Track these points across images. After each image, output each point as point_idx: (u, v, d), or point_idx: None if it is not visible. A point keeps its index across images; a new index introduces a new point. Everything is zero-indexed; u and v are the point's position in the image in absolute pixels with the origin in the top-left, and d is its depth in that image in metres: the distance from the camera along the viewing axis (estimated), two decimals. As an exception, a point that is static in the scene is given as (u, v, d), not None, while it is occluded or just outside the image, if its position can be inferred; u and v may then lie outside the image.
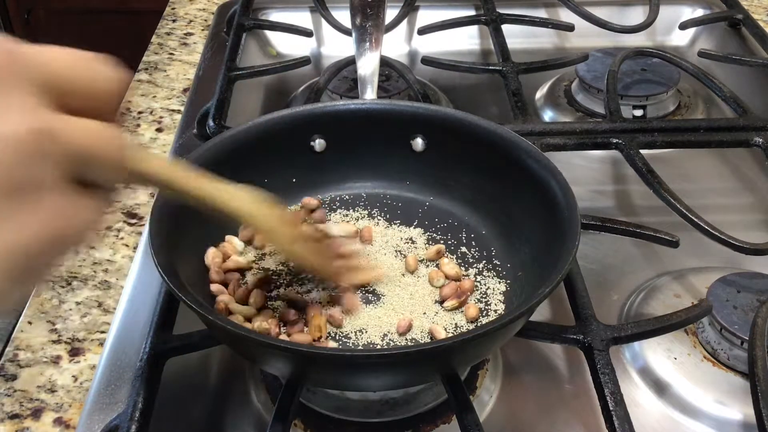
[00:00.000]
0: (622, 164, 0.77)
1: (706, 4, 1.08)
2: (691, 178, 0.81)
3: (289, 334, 0.55)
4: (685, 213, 0.67)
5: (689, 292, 0.66)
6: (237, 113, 0.85)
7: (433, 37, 1.02)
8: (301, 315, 0.56)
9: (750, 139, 0.78)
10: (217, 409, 0.58)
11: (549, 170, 0.59)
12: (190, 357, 0.59)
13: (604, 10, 1.04)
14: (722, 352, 0.59)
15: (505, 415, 0.57)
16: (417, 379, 0.54)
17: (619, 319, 0.65)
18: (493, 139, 0.64)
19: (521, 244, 0.62)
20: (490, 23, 1.00)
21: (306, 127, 0.68)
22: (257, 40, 1.05)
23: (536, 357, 0.62)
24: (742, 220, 0.77)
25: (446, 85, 0.96)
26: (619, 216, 0.71)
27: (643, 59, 0.92)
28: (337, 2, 1.02)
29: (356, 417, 0.56)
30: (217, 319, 0.49)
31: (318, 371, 0.51)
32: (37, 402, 0.58)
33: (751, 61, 0.93)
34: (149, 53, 1.02)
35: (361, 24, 0.80)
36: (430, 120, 0.67)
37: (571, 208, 0.56)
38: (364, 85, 0.73)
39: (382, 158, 0.69)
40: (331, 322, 0.56)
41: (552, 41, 1.07)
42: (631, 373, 0.60)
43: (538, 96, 0.95)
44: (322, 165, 0.68)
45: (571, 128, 0.80)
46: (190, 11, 1.12)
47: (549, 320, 0.64)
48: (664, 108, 0.90)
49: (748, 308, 0.60)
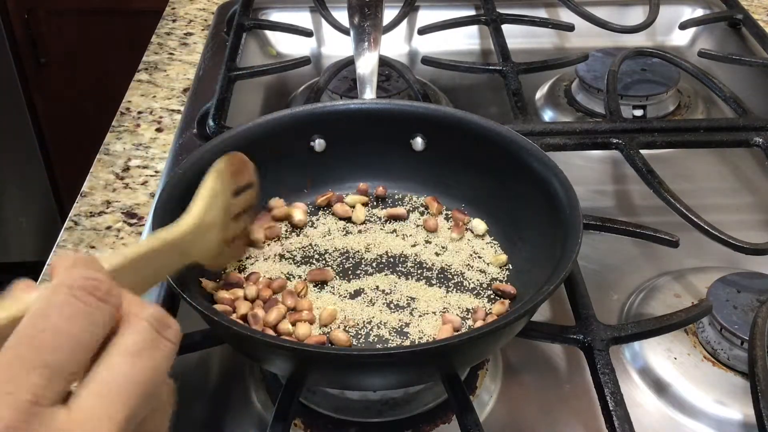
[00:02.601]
0: (622, 164, 0.77)
1: (706, 4, 1.08)
2: (691, 178, 0.81)
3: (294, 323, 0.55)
4: (685, 213, 0.67)
5: (689, 292, 0.66)
6: (237, 113, 0.85)
7: (433, 37, 1.02)
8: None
9: (750, 139, 0.78)
10: (217, 409, 0.58)
11: (550, 169, 0.59)
12: (190, 357, 0.59)
13: (604, 10, 1.04)
14: (722, 352, 0.59)
15: (505, 415, 0.57)
16: (417, 379, 0.54)
17: (619, 319, 0.65)
18: (493, 138, 0.64)
19: (522, 243, 0.62)
20: (490, 23, 1.00)
21: (306, 127, 0.68)
22: (257, 40, 1.05)
23: (536, 357, 0.62)
24: (742, 220, 0.77)
25: (446, 85, 0.96)
26: (619, 216, 0.71)
27: (643, 59, 0.92)
28: (337, 2, 1.02)
29: (356, 417, 0.56)
30: (218, 318, 0.49)
31: (319, 370, 0.51)
32: (37, 402, 0.58)
33: (751, 61, 0.93)
34: (149, 53, 1.02)
35: (359, 24, 0.79)
36: (430, 119, 0.67)
37: (572, 207, 0.56)
38: (363, 84, 0.73)
39: (382, 158, 0.69)
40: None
41: (552, 41, 1.07)
42: (631, 373, 0.60)
43: (538, 96, 0.95)
44: (322, 165, 0.68)
45: (571, 128, 0.80)
46: (190, 11, 1.12)
47: (549, 320, 0.64)
48: (664, 108, 0.90)
49: (748, 308, 0.60)
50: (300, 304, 0.57)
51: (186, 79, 0.96)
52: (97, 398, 0.29)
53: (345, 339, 0.55)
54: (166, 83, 0.95)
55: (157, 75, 0.97)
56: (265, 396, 0.58)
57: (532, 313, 0.52)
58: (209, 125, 0.80)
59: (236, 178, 0.54)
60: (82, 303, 0.30)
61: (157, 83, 0.95)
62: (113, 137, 0.86)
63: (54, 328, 0.29)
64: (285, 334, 0.55)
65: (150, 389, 0.31)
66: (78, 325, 0.29)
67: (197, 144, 0.81)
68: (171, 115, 0.89)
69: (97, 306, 0.30)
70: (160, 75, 0.97)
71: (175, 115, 0.89)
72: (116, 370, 0.30)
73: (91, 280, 0.30)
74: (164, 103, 0.92)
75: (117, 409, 0.29)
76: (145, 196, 0.77)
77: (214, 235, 0.52)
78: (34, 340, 0.29)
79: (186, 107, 0.90)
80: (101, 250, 0.71)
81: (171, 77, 0.97)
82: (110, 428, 0.29)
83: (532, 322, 0.56)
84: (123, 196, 0.77)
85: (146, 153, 0.83)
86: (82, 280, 0.30)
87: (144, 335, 0.31)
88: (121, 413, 0.29)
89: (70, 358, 0.29)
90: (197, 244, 0.50)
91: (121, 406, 0.29)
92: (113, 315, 0.31)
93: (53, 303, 0.30)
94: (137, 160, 0.82)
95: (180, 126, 0.86)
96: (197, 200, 0.51)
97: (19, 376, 0.28)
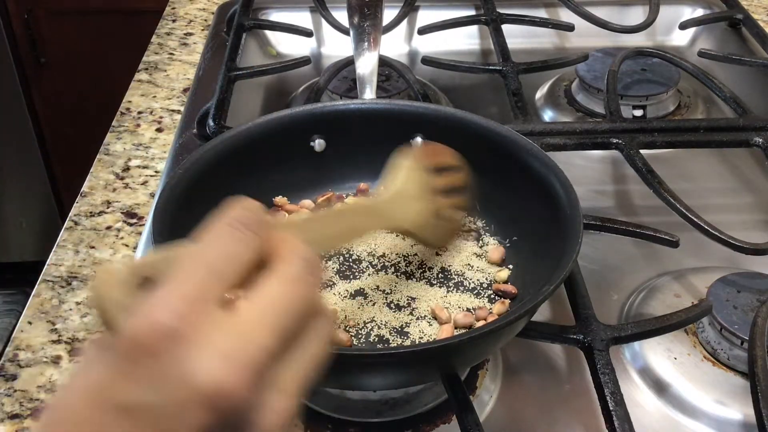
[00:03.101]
0: (622, 164, 0.77)
1: (706, 4, 1.08)
2: (691, 178, 0.81)
3: None
4: (685, 213, 0.67)
5: (689, 292, 0.66)
6: (237, 113, 0.85)
7: (433, 37, 1.02)
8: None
9: (750, 139, 0.78)
10: (217, 409, 0.58)
11: (550, 168, 0.59)
12: (190, 357, 0.59)
13: (604, 10, 1.04)
14: (722, 352, 0.59)
15: (505, 415, 0.57)
16: (417, 379, 0.54)
17: (619, 319, 0.65)
18: (493, 138, 0.64)
19: (522, 243, 0.62)
20: (490, 23, 1.00)
21: (306, 127, 0.68)
22: (257, 40, 1.05)
23: (536, 357, 0.62)
24: (742, 220, 0.77)
25: (446, 85, 0.96)
26: (619, 216, 0.71)
27: (643, 59, 0.92)
28: (337, 2, 1.02)
29: (356, 417, 0.56)
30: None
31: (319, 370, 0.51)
32: (38, 402, 0.58)
33: (751, 61, 0.93)
34: (149, 53, 1.02)
35: (359, 24, 0.79)
36: (430, 119, 0.67)
37: (573, 206, 0.56)
38: (363, 84, 0.73)
39: (382, 158, 0.69)
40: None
41: (552, 41, 1.07)
42: (631, 373, 0.60)
43: (538, 96, 0.95)
44: (322, 165, 0.68)
45: (571, 128, 0.80)
46: (190, 11, 1.12)
47: (549, 320, 0.64)
48: (664, 108, 0.90)
49: (748, 308, 0.60)
50: None
51: (186, 79, 0.96)
52: (256, 309, 0.33)
53: (345, 339, 0.55)
54: (166, 83, 0.95)
55: (157, 75, 0.97)
56: (265, 396, 0.58)
57: (532, 313, 0.52)
58: (209, 125, 0.80)
59: (432, 159, 0.58)
60: (236, 230, 0.34)
61: (157, 83, 0.95)
62: (113, 137, 0.86)
63: (213, 246, 0.34)
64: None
65: (301, 312, 0.34)
66: (234, 245, 0.34)
67: (197, 144, 0.81)
68: (171, 115, 0.89)
69: (247, 233, 0.34)
70: (160, 75, 0.97)
71: (175, 115, 0.89)
72: (273, 289, 0.33)
73: (245, 215, 0.34)
74: (164, 103, 0.92)
75: (272, 321, 0.32)
76: (145, 196, 0.77)
77: (419, 205, 0.56)
78: (200, 253, 0.33)
79: (186, 107, 0.90)
80: (101, 250, 0.71)
81: (171, 77, 0.97)
82: (265, 335, 0.32)
83: (532, 322, 0.56)
84: (123, 196, 0.77)
85: (146, 153, 0.83)
86: (237, 214, 0.34)
87: (298, 267, 0.34)
88: (276, 326, 0.32)
89: (229, 268, 0.33)
90: (400, 212, 0.55)
91: (276, 320, 0.33)
92: (262, 244, 0.34)
93: (212, 230, 0.34)
94: (137, 160, 0.82)
95: (180, 126, 0.86)
96: (394, 175, 0.57)
97: (186, 277, 0.32)
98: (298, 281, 0.34)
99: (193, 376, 0.30)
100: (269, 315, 0.33)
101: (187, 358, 0.30)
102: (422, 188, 0.57)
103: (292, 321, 0.33)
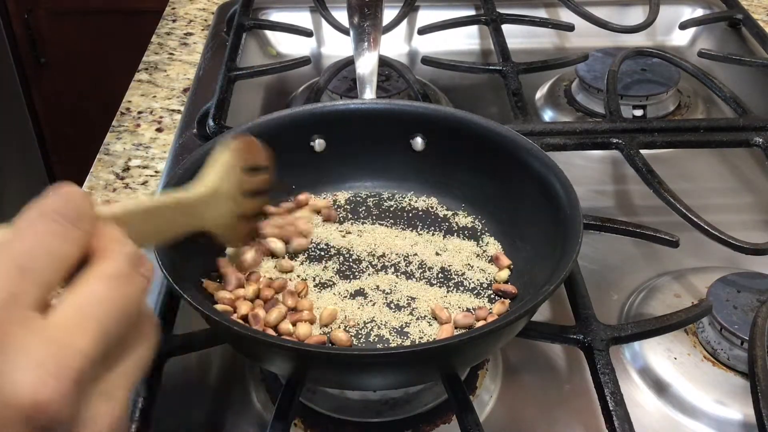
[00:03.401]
0: (622, 164, 0.77)
1: (706, 4, 1.08)
2: (691, 178, 0.81)
3: (294, 323, 0.55)
4: (685, 213, 0.67)
5: (689, 292, 0.66)
6: (237, 113, 0.85)
7: (433, 37, 1.02)
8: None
9: (750, 139, 0.78)
10: (217, 409, 0.58)
11: (550, 168, 0.59)
12: (190, 357, 0.59)
13: (604, 10, 1.04)
14: (722, 352, 0.59)
15: (505, 415, 0.57)
16: (417, 379, 0.54)
17: (619, 319, 0.65)
18: (493, 138, 0.64)
19: (522, 243, 0.62)
20: (490, 23, 1.00)
21: (306, 127, 0.68)
22: (257, 40, 1.05)
23: (536, 357, 0.62)
24: (742, 220, 0.77)
25: (446, 85, 0.96)
26: (619, 216, 0.71)
27: (643, 59, 0.92)
28: (337, 2, 1.02)
29: (356, 417, 0.56)
30: (219, 318, 0.49)
31: (319, 370, 0.51)
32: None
33: (751, 61, 0.93)
34: (149, 53, 1.02)
35: (359, 24, 0.79)
36: (430, 119, 0.67)
37: (573, 206, 0.56)
38: (363, 84, 0.73)
39: (382, 158, 0.69)
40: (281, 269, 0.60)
41: (552, 41, 1.07)
42: (631, 373, 0.60)
43: (538, 96, 0.95)
44: (322, 165, 0.68)
45: (571, 128, 0.80)
46: (190, 11, 1.12)
47: (549, 320, 0.64)
48: (664, 108, 0.90)
49: (748, 308, 0.60)
50: (300, 304, 0.57)
51: (186, 79, 0.96)
52: (73, 311, 0.30)
53: (345, 339, 0.55)
54: (166, 83, 0.95)
55: (157, 75, 0.97)
56: (265, 396, 0.58)
57: (532, 313, 0.52)
58: (209, 125, 0.80)
59: (247, 157, 0.56)
60: (53, 222, 0.31)
61: (157, 83, 0.95)
62: (113, 137, 0.86)
63: (28, 239, 0.31)
64: (285, 334, 0.55)
65: (124, 314, 0.31)
66: (50, 239, 0.31)
67: (197, 144, 0.81)
68: (171, 115, 0.89)
69: (66, 226, 0.31)
70: (160, 75, 0.97)
71: (175, 115, 0.89)
72: (93, 289, 0.31)
73: (64, 205, 0.32)
74: (164, 103, 0.92)
75: (91, 324, 0.30)
76: (145, 196, 0.77)
77: (228, 206, 0.54)
78: (8, 249, 0.30)
79: (186, 107, 0.90)
80: (101, 250, 0.71)
81: (171, 77, 0.97)
82: (83, 340, 0.30)
83: (532, 322, 0.56)
84: (123, 196, 0.77)
85: (146, 153, 0.83)
86: (54, 204, 0.32)
87: (120, 264, 0.32)
88: (95, 329, 0.30)
89: (44, 266, 0.30)
90: (210, 211, 0.52)
91: (95, 323, 0.30)
92: (85, 238, 0.32)
93: (27, 219, 0.31)
94: (137, 160, 0.82)
95: (180, 126, 0.86)
96: (211, 170, 0.53)
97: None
98: (120, 279, 0.32)
99: (7, 389, 0.28)
100: (88, 317, 0.30)
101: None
102: (235, 188, 0.55)
103: (114, 322, 0.31)
